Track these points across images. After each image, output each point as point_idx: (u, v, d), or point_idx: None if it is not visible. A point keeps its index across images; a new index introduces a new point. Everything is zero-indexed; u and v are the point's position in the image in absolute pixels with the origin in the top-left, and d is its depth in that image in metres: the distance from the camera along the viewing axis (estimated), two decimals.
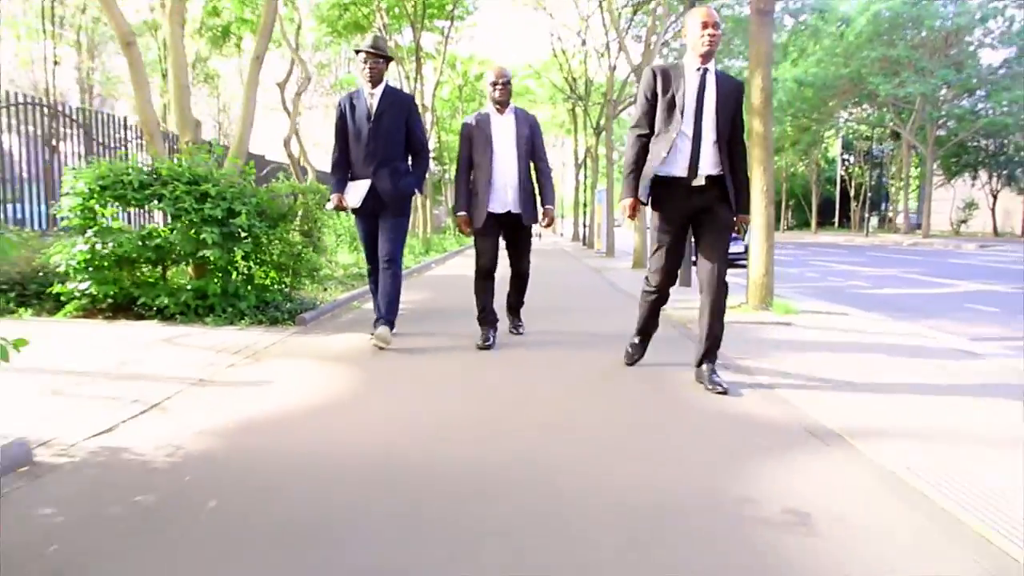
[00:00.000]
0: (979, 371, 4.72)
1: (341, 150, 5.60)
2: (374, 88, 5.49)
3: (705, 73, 4.18)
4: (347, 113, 5.56)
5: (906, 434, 3.28)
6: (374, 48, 5.48)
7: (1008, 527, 2.27)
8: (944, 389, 4.23)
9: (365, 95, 5.51)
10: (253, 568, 2.03)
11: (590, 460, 2.95)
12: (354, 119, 5.52)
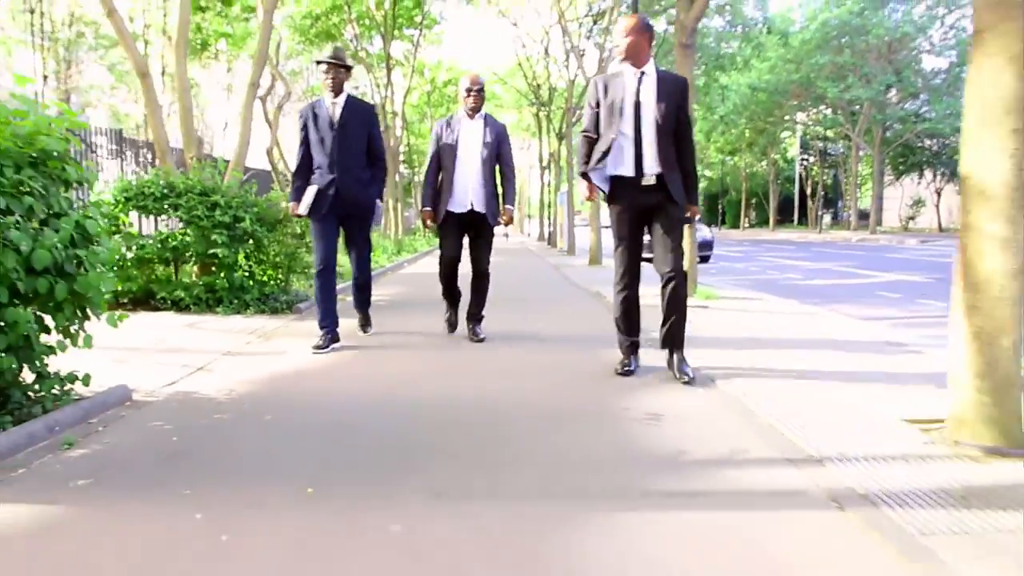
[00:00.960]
0: (835, 334, 6.01)
1: (303, 157, 5.72)
2: (336, 97, 5.63)
3: (642, 76, 4.47)
4: (310, 122, 5.67)
5: (754, 374, 4.56)
6: (334, 58, 5.65)
7: (798, 427, 3.51)
8: (797, 344, 5.56)
9: (327, 104, 5.64)
10: (301, 449, 3.23)
11: (524, 393, 4.19)
12: (317, 128, 5.63)
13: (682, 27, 8.23)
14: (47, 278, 3.24)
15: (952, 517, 2.40)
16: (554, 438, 3.36)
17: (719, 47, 23.27)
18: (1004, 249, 3.06)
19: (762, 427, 3.52)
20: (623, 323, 4.76)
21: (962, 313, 3.18)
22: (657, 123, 4.40)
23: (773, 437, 3.35)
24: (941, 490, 2.64)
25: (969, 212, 3.18)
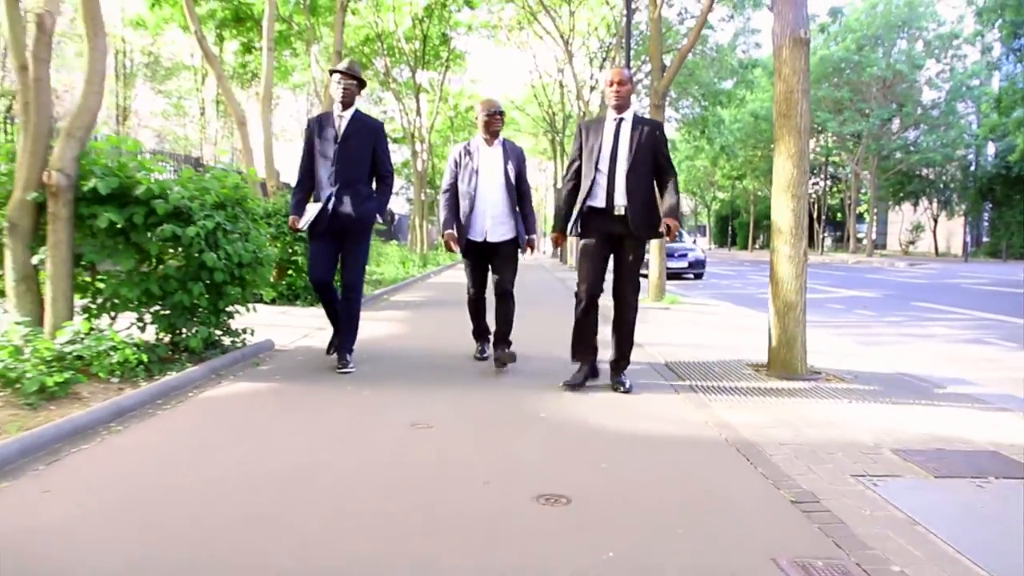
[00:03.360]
0: (744, 324, 8.30)
1: (305, 170, 5.61)
2: (344, 111, 5.53)
3: (620, 122, 4.95)
4: (315, 133, 5.58)
5: (671, 344, 6.90)
6: (349, 70, 5.55)
7: (682, 368, 5.83)
8: (712, 328, 7.91)
9: (334, 117, 5.55)
10: (409, 375, 5.59)
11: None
12: (321, 139, 5.53)
13: (655, 92, 10.64)
14: (246, 270, 5.66)
15: (734, 398, 4.75)
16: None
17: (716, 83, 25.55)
18: (790, 262, 5.41)
19: (661, 368, 5.86)
20: (584, 337, 5.17)
21: (771, 299, 5.53)
22: (629, 163, 4.86)
23: (665, 372, 5.70)
24: (740, 390, 4.99)
25: (774, 240, 5.54)
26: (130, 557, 2.33)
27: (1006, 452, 3.64)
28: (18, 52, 5.40)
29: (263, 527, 2.59)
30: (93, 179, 5.07)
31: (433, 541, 2.48)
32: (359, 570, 2.26)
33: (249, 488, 2.97)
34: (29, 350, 4.56)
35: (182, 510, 2.73)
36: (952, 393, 5.05)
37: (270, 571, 2.24)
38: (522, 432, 3.92)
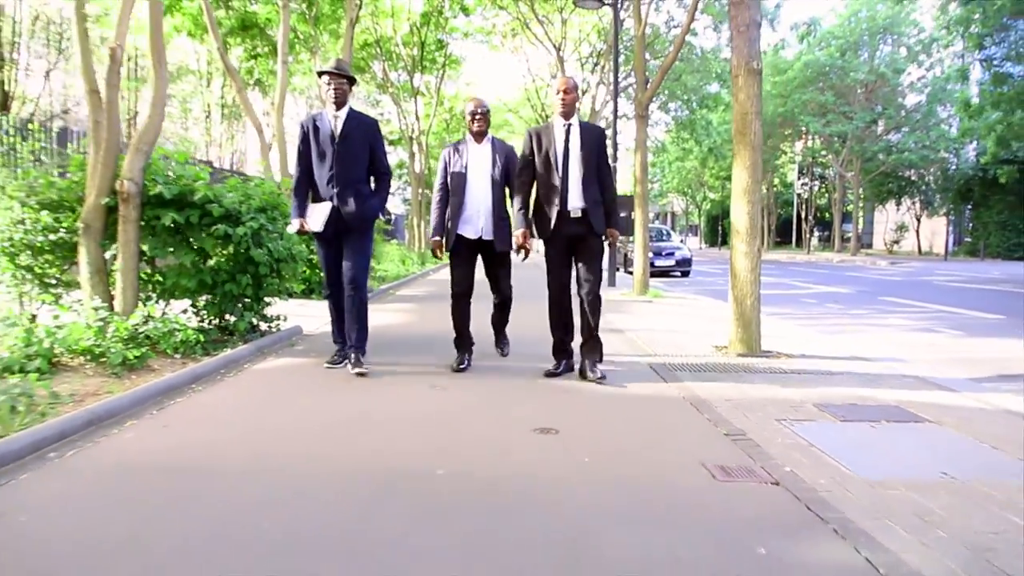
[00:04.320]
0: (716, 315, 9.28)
1: (303, 171, 5.58)
2: (338, 110, 5.48)
3: (569, 127, 5.25)
4: (310, 134, 5.53)
5: (656, 331, 7.88)
6: (337, 69, 5.54)
7: (659, 349, 6.81)
8: (688, 317, 8.87)
9: (329, 117, 5.50)
10: (422, 352, 6.55)
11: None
12: (318, 140, 5.49)
13: (638, 103, 11.63)
14: (282, 264, 6.61)
15: (699, 372, 5.73)
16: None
17: (702, 87, 26.58)
18: (746, 257, 6.39)
19: (638, 347, 6.84)
20: (560, 327, 5.58)
21: (730, 289, 6.51)
22: (581, 167, 5.19)
23: (641, 351, 6.68)
24: (702, 364, 5.98)
25: (732, 239, 6.52)
26: (245, 459, 3.31)
27: (906, 407, 4.62)
28: (88, 77, 6.36)
29: (336, 445, 3.56)
30: (158, 186, 6.03)
31: (462, 455, 3.46)
32: (411, 472, 3.22)
33: (317, 424, 3.95)
34: (111, 330, 5.51)
35: (269, 436, 3.71)
36: (882, 367, 6.04)
37: (345, 468, 3.21)
38: (521, 390, 4.90)
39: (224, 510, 2.73)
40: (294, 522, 2.62)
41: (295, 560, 2.31)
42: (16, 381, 4.39)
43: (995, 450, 3.68)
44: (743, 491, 3.01)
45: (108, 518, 2.65)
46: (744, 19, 6.22)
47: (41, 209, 6.39)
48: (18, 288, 6.66)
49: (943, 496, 2.97)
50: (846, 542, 2.49)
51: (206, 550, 2.38)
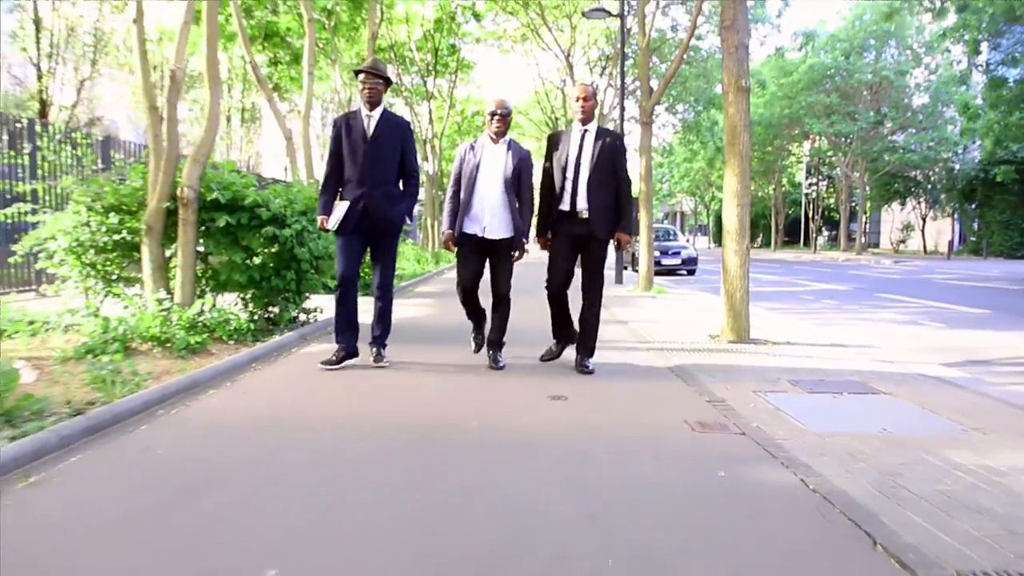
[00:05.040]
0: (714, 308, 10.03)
1: (332, 169, 5.62)
2: (372, 110, 5.52)
3: (584, 133, 5.46)
4: (343, 133, 5.56)
5: (656, 322, 8.63)
6: (374, 69, 5.56)
7: (657, 337, 7.57)
8: (687, 310, 9.62)
9: (362, 116, 5.53)
10: (446, 340, 7.33)
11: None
12: (350, 139, 5.52)
13: (643, 110, 12.38)
14: (321, 262, 7.40)
15: (688, 353, 6.48)
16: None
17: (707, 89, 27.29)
18: (736, 255, 7.13)
19: (639, 335, 7.60)
20: (558, 320, 5.92)
21: (722, 283, 7.26)
22: (591, 170, 5.40)
23: (641, 339, 7.44)
24: (695, 349, 6.73)
25: (724, 238, 7.27)
26: (312, 416, 4.10)
27: (868, 382, 5.36)
28: (149, 95, 7.17)
29: (383, 406, 4.35)
30: (214, 192, 6.83)
31: (489, 413, 4.24)
32: (449, 425, 4.00)
33: (364, 392, 4.74)
34: (174, 319, 6.31)
35: (328, 401, 4.50)
36: (856, 352, 6.77)
37: (393, 423, 4.00)
38: (536, 368, 5.67)
39: (306, 448, 3.52)
40: (360, 457, 3.40)
41: (365, 480, 3.10)
42: (106, 360, 5.19)
43: (933, 414, 4.42)
44: (715, 439, 3.78)
45: (221, 453, 3.45)
46: (733, 42, 6.97)
47: (106, 212, 7.19)
48: (83, 283, 7.48)
49: (875, 443, 3.72)
50: (788, 470, 3.25)
51: (300, 474, 3.17)
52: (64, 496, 2.90)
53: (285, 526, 2.61)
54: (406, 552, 2.41)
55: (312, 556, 2.37)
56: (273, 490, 2.98)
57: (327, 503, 2.85)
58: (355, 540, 2.51)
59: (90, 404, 4.10)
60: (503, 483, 3.10)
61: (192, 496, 2.88)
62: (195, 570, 2.27)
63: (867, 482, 3.10)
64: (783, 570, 2.30)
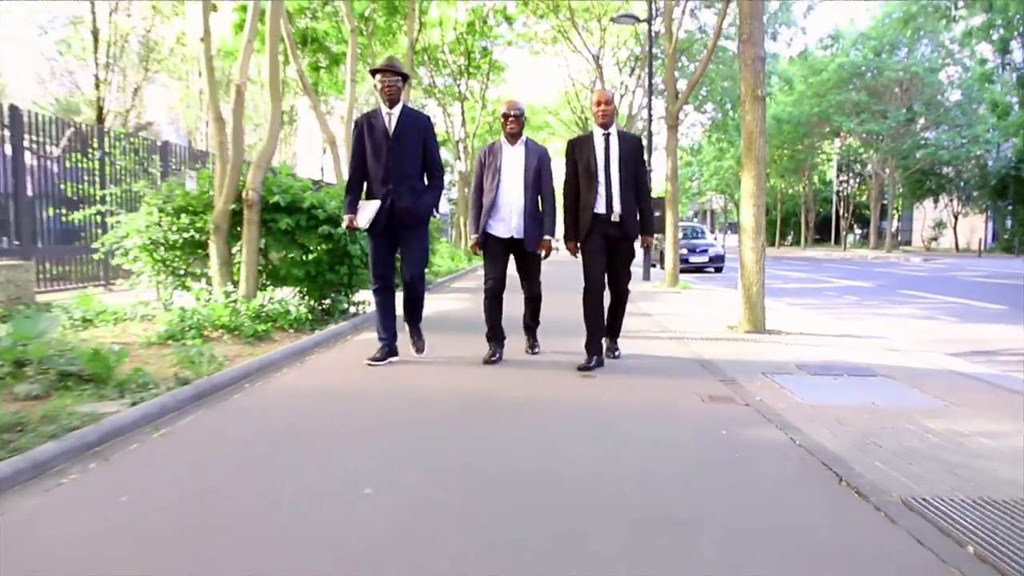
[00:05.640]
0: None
1: (356, 169, 5.71)
2: (391, 108, 5.58)
3: (608, 136, 5.64)
4: (365, 132, 5.64)
5: (680, 316, 9.22)
6: (389, 67, 5.63)
7: (678, 327, 8.17)
8: (706, 304, 10.18)
9: (383, 114, 5.60)
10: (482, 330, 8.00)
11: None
12: (372, 138, 5.59)
13: (670, 114, 12.95)
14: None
15: (707, 342, 7.09)
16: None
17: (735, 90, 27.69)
18: (752, 251, 7.70)
19: (662, 326, 8.21)
20: (593, 321, 5.76)
21: (740, 277, 7.83)
22: (620, 173, 5.60)
23: (664, 329, 8.04)
24: (713, 338, 7.32)
25: (741, 236, 7.84)
26: (377, 388, 4.79)
27: (869, 367, 5.90)
28: (215, 107, 7.92)
29: (436, 381, 5.03)
30: (275, 196, 7.56)
31: (527, 386, 4.90)
32: (494, 396, 4.66)
33: (418, 370, 5.41)
34: (242, 309, 7.04)
35: (387, 377, 5.19)
36: (864, 342, 7.31)
37: (446, 394, 4.66)
38: (566, 353, 6.30)
39: (373, 411, 4.21)
40: (419, 418, 4.08)
41: (426, 433, 3.77)
42: (190, 344, 5.92)
43: (922, 392, 4.97)
44: (721, 408, 4.40)
45: (305, 414, 4.15)
46: (751, 55, 7.54)
47: (176, 214, 7.96)
48: (155, 278, 8.26)
49: (863, 414, 4.31)
50: (780, 431, 3.86)
51: (373, 429, 3.85)
52: (187, 442, 3.62)
53: (369, 462, 3.30)
54: (467, 476, 3.08)
55: (396, 479, 3.06)
56: (353, 438, 3.69)
57: (400, 446, 3.55)
58: (427, 469, 3.20)
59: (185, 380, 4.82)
60: (540, 435, 3.77)
61: (290, 443, 3.58)
62: (310, 486, 2.97)
63: (846, 440, 3.70)
64: (764, 497, 2.92)
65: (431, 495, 2.90)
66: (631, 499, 2.87)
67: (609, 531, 2.54)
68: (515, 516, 2.68)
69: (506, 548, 2.41)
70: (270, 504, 2.79)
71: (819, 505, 2.83)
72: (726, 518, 2.68)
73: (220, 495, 2.88)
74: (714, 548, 2.43)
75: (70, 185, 10.94)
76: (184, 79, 29.47)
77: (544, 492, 2.93)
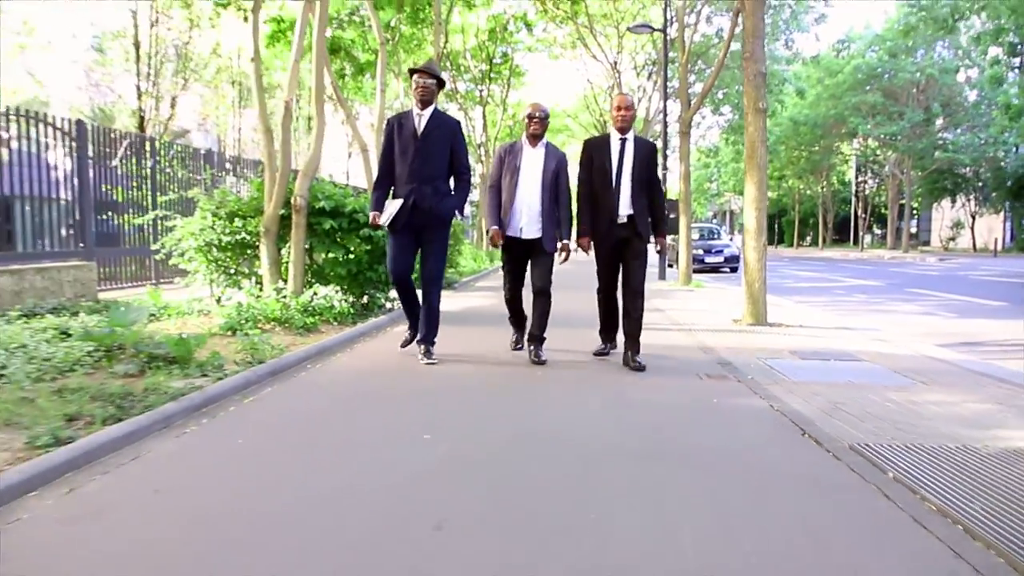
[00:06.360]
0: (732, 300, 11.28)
1: (384, 168, 5.84)
2: (423, 109, 5.68)
3: (624, 141, 5.80)
4: (395, 132, 5.77)
5: (690, 311, 9.95)
6: (428, 69, 5.74)
7: (687, 320, 8.90)
8: (715, 301, 10.88)
9: (414, 115, 5.72)
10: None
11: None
12: (401, 137, 5.70)
13: (683, 122, 13.66)
14: None
15: (712, 333, 7.82)
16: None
17: None
18: (755, 251, 8.42)
19: (672, 320, 8.93)
20: (607, 320, 6.32)
21: (743, 275, 8.54)
22: (632, 177, 5.78)
23: (674, 323, 8.76)
24: (718, 329, 8.05)
25: (745, 237, 8.56)
26: (418, 369, 5.57)
27: (856, 354, 6.60)
28: (264, 120, 8.74)
29: (472, 363, 5.81)
30: (321, 201, 8.37)
31: (548, 365, 5.65)
32: (520, 371, 5.42)
33: (456, 353, 6.19)
34: (293, 304, 7.85)
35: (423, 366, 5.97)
36: (858, 334, 7.99)
37: (485, 368, 5.43)
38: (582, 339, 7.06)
39: (421, 384, 5.01)
40: (461, 386, 4.87)
41: (470, 398, 4.56)
42: (252, 334, 6.73)
43: (896, 373, 5.67)
44: (716, 383, 5.15)
45: (364, 385, 4.96)
46: (753, 71, 8.26)
47: (230, 218, 8.79)
48: (209, 276, 9.10)
49: (837, 388, 5.03)
50: (763, 400, 4.61)
51: (424, 395, 4.64)
52: (274, 405, 4.44)
53: (424, 417, 4.10)
54: (502, 427, 3.87)
55: (447, 429, 3.85)
56: (408, 401, 4.51)
57: (446, 407, 4.36)
58: (470, 421, 4.00)
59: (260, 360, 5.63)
60: (561, 399, 4.57)
61: (357, 406, 4.40)
62: (380, 435, 3.77)
63: (815, 406, 4.43)
64: (739, 443, 3.66)
65: (475, 440, 3.69)
66: (633, 444, 3.64)
67: (616, 464, 3.32)
68: (542, 454, 3.46)
69: (537, 473, 3.20)
70: (352, 446, 3.60)
71: (782, 449, 3.58)
72: (709, 456, 3.45)
73: (312, 442, 3.68)
74: (699, 474, 3.20)
75: (120, 191, 11.79)
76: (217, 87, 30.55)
77: (564, 439, 3.71)
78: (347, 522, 2.63)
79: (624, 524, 2.63)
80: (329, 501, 2.83)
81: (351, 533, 2.54)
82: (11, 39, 24.35)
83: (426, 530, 2.55)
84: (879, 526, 2.63)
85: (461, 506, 2.79)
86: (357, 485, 3.01)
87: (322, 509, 2.74)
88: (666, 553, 2.40)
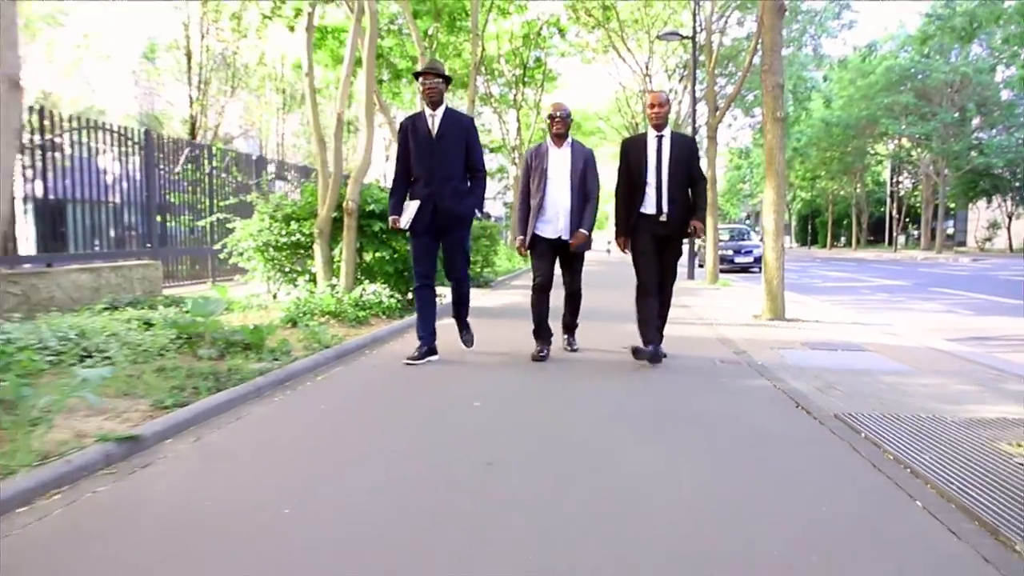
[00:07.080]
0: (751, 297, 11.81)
1: (401, 171, 5.89)
2: (434, 110, 5.71)
3: (660, 139, 5.80)
4: (409, 134, 5.78)
5: (714, 307, 10.54)
6: (431, 69, 5.76)
7: (711, 316, 9.51)
8: (738, 298, 11.44)
9: (426, 116, 5.74)
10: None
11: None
12: (416, 139, 5.73)
13: (710, 127, 14.23)
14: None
15: (733, 327, 8.43)
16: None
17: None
18: (773, 251, 9.00)
19: (697, 315, 9.53)
20: (644, 315, 6.01)
21: (763, 273, 9.12)
22: (671, 174, 5.76)
23: (698, 318, 9.37)
24: (739, 324, 8.65)
25: (765, 237, 9.13)
26: (460, 355, 6.27)
27: (863, 346, 7.16)
28: (318, 132, 9.52)
29: (505, 355, 6.49)
30: (371, 205, 9.12)
31: (585, 346, 6.32)
32: (552, 357, 6.09)
33: (494, 342, 6.88)
34: (345, 299, 8.60)
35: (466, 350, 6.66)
36: (870, 329, 8.53)
37: (511, 359, 6.11)
38: (608, 332, 7.71)
39: (472, 363, 5.71)
40: (503, 367, 5.54)
41: (508, 375, 5.24)
42: (313, 325, 7.48)
43: (896, 362, 6.24)
44: (730, 367, 5.79)
45: (418, 369, 5.66)
46: (771, 82, 8.84)
47: (286, 221, 9.58)
48: (266, 274, 9.90)
49: (837, 372, 5.63)
50: (768, 381, 5.24)
51: (472, 374, 5.35)
52: (344, 382, 5.19)
53: (474, 391, 4.81)
54: (534, 396, 4.54)
55: (496, 400, 4.55)
56: (460, 378, 5.23)
57: (493, 383, 5.06)
58: (514, 393, 4.70)
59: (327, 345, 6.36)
60: (588, 378, 5.23)
61: (415, 382, 5.13)
62: (437, 404, 4.49)
63: (814, 386, 5.05)
64: (740, 411, 4.31)
65: (519, 408, 4.41)
66: (647, 407, 4.35)
67: (632, 421, 4.03)
68: (564, 420, 4.15)
69: (560, 430, 3.90)
70: (416, 412, 4.33)
71: (777, 417, 4.22)
72: (711, 419, 4.12)
73: (379, 409, 4.41)
74: (699, 430, 3.89)
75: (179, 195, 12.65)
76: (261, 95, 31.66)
77: (582, 406, 4.42)
78: (418, 463, 3.34)
79: (634, 461, 3.34)
80: (402, 450, 3.55)
81: (421, 466, 3.27)
82: (71, 52, 25.70)
83: (481, 466, 3.26)
84: (844, 470, 3.27)
85: (504, 452, 3.49)
86: (423, 439, 3.73)
87: (396, 455, 3.47)
88: (666, 483, 3.07)
